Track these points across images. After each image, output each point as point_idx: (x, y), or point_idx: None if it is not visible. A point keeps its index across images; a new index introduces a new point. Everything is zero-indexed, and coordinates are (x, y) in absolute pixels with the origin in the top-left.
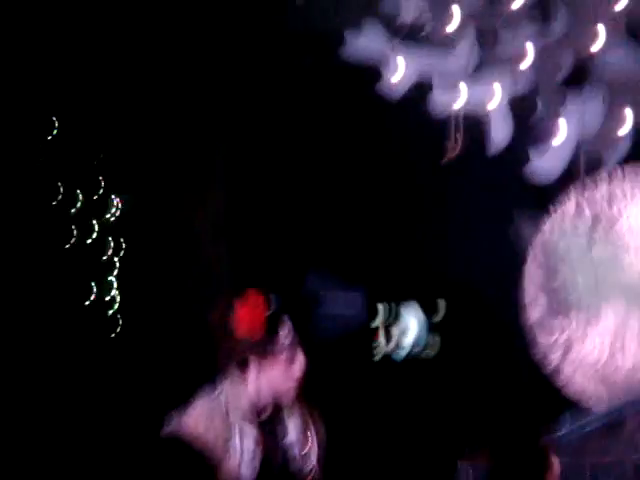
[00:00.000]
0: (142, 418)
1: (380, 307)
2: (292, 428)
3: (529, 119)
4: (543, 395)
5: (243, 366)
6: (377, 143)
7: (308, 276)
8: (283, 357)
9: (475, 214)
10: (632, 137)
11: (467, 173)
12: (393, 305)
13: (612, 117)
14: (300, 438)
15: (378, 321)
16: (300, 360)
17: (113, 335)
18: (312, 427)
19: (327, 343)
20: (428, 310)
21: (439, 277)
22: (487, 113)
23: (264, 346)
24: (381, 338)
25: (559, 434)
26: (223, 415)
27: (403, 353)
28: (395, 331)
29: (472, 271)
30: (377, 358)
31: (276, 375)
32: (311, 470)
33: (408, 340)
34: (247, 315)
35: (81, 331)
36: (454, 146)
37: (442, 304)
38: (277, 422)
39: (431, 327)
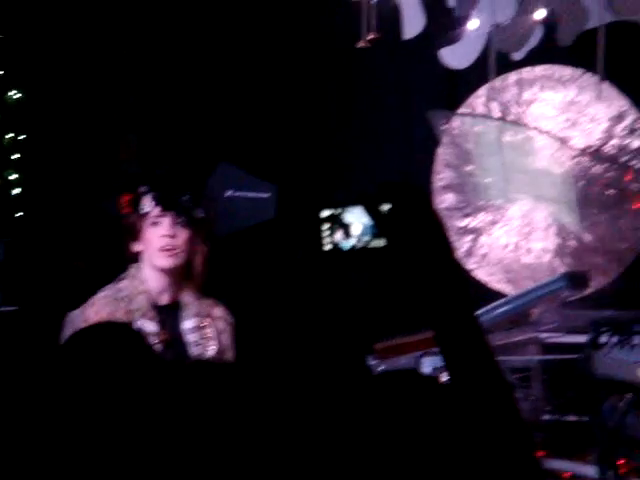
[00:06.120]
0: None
1: (324, 213)
2: (188, 317)
3: (442, 7)
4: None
5: (136, 259)
6: (287, 31)
7: (215, 173)
8: (146, 229)
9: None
10: (542, 32)
11: (379, 64)
12: (338, 210)
13: (524, 11)
14: (197, 325)
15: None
16: (162, 228)
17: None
18: (211, 316)
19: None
20: (372, 215)
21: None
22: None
23: (132, 223)
24: (328, 230)
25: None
26: (125, 309)
27: (350, 243)
28: (341, 227)
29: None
30: (326, 248)
31: (145, 248)
32: (211, 356)
33: (356, 231)
34: (121, 199)
35: None
36: (368, 33)
37: (385, 208)
38: (174, 313)
39: (375, 231)
